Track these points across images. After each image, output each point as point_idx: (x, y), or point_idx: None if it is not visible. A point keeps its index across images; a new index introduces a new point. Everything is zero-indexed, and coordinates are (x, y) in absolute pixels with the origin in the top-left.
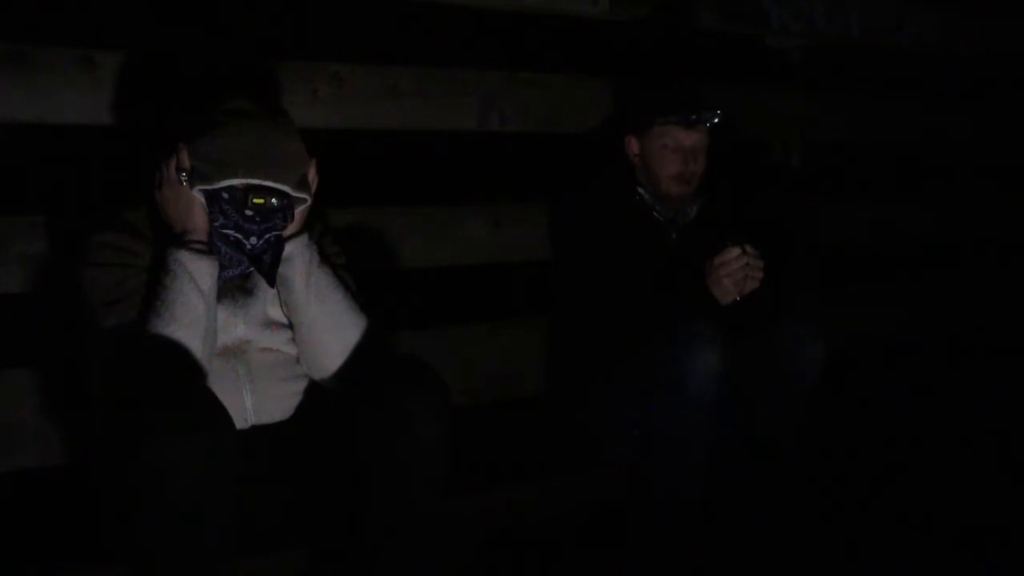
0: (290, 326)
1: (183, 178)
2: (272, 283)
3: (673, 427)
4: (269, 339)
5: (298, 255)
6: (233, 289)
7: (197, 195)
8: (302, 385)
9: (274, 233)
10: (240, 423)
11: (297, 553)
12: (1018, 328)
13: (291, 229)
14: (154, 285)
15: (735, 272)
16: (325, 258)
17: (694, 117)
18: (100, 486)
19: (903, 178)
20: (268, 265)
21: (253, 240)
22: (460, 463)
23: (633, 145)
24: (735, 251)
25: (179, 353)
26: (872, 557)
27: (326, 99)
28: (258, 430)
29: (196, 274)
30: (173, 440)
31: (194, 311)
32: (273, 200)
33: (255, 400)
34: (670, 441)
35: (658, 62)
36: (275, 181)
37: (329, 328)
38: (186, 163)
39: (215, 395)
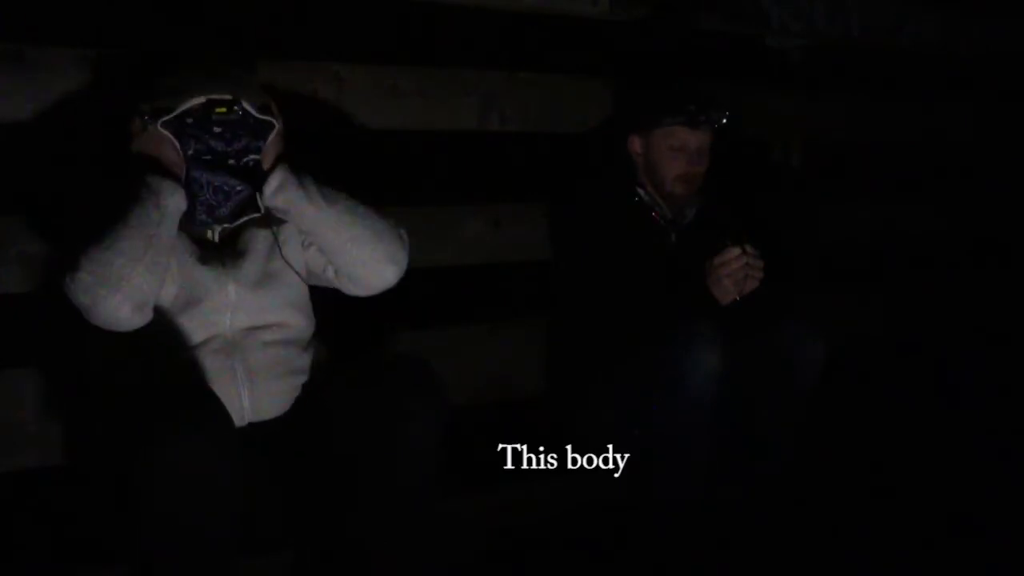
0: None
1: (146, 120)
2: (261, 191)
3: (673, 427)
4: (262, 300)
5: (289, 178)
6: (222, 252)
7: (164, 132)
8: (300, 380)
9: (251, 157)
10: (237, 421)
11: (296, 553)
12: (1018, 328)
13: (269, 158)
14: (115, 202)
15: (735, 272)
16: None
17: (703, 118)
18: (100, 486)
19: (903, 178)
20: (257, 180)
21: (232, 162)
22: (460, 463)
23: (636, 144)
24: (735, 251)
25: (119, 249)
26: (872, 557)
27: (326, 99)
28: (254, 427)
29: (156, 189)
30: (173, 440)
31: (144, 217)
32: (236, 109)
33: (252, 398)
34: (670, 441)
35: (658, 62)
36: (233, 95)
37: (353, 224)
38: (146, 107)
39: (214, 393)
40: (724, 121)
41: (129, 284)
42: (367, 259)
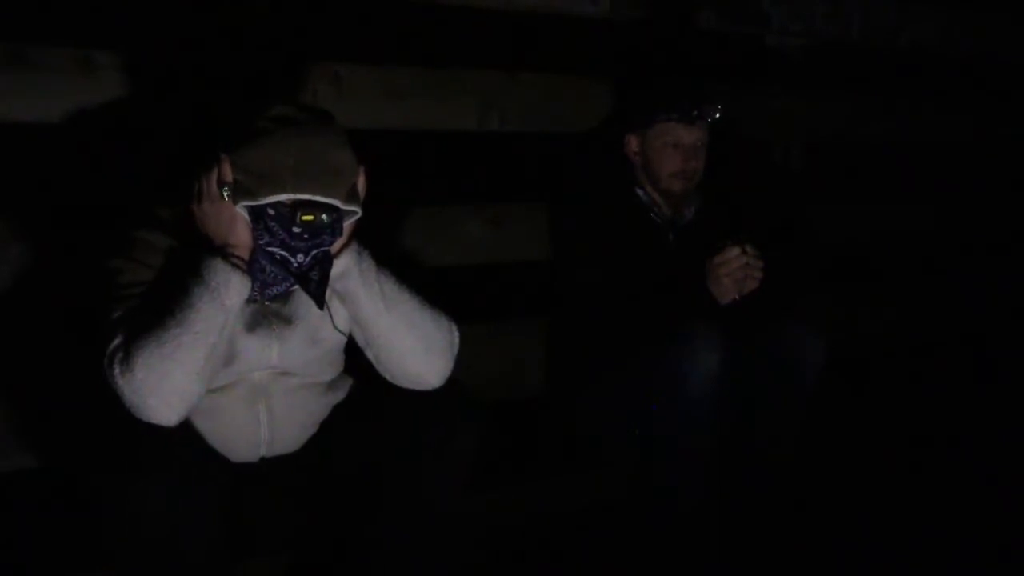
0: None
1: (225, 193)
2: (321, 304)
3: (673, 427)
4: (301, 360)
5: (353, 267)
6: (271, 316)
7: (240, 211)
8: (319, 419)
9: (322, 249)
10: (251, 456)
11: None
12: (1018, 328)
13: (340, 243)
14: (177, 288)
15: (735, 272)
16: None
17: (695, 112)
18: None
19: (903, 178)
20: (316, 284)
21: (300, 257)
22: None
23: (633, 143)
24: (735, 251)
25: (178, 359)
26: (872, 557)
27: (326, 99)
28: (266, 460)
29: (223, 287)
30: (149, 491)
31: (208, 322)
32: (323, 216)
33: (270, 437)
34: (670, 441)
35: (658, 62)
36: (324, 196)
37: (408, 331)
38: (228, 177)
39: (201, 437)
40: (718, 116)
41: (182, 397)
42: (409, 370)
